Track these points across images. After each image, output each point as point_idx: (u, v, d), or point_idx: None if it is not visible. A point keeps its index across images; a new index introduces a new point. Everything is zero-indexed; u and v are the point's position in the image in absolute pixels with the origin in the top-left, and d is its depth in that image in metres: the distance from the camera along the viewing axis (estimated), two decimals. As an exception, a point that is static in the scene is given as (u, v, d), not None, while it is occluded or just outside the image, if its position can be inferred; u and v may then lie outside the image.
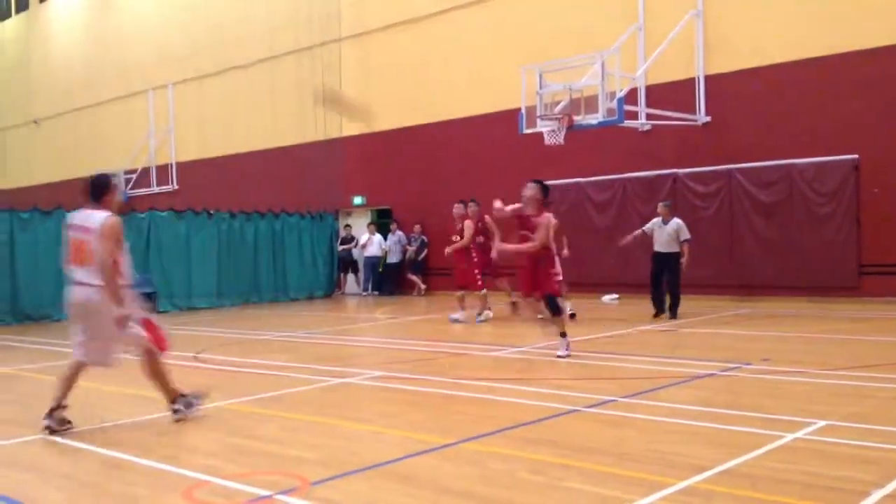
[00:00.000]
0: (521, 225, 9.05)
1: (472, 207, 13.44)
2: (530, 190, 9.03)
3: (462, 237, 13.14)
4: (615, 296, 15.97)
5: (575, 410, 6.30)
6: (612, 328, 11.60)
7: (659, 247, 12.70)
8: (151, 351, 6.29)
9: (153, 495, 4.54)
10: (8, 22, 36.40)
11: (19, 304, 15.47)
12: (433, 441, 5.43)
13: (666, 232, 12.60)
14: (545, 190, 9.05)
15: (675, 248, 12.56)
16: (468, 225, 13.10)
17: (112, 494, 4.60)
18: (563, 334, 8.93)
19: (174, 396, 6.35)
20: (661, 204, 13.07)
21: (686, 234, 12.60)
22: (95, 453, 5.47)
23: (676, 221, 12.66)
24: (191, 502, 4.32)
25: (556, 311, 8.97)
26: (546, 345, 10.12)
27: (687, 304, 13.66)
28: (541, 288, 8.99)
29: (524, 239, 8.95)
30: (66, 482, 4.88)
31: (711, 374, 7.70)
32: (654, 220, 12.90)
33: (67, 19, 32.70)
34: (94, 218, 6.17)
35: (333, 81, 22.28)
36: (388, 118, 20.94)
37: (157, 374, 6.35)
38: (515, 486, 4.40)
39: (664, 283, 12.68)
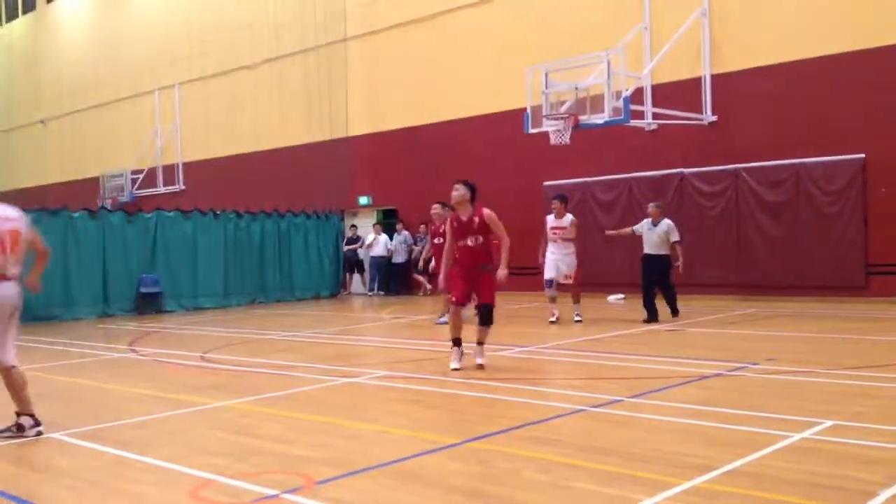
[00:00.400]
0: (462, 233, 8.34)
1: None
2: (459, 191, 8.37)
3: (445, 239, 12.78)
4: (621, 296, 15.95)
5: (581, 410, 6.29)
6: (618, 328, 11.59)
7: (649, 249, 12.27)
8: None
9: (160, 494, 4.56)
10: (15, 22, 36.51)
11: (27, 303, 15.46)
12: (439, 440, 5.43)
13: (656, 233, 12.19)
14: (473, 189, 8.47)
15: (665, 251, 12.16)
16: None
17: (119, 493, 4.62)
18: (482, 342, 8.51)
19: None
20: (651, 204, 12.63)
21: (676, 236, 12.19)
22: (103, 452, 5.49)
23: (667, 223, 12.26)
24: (197, 501, 4.34)
25: (490, 321, 8.45)
26: (553, 345, 10.14)
27: (693, 303, 13.64)
28: (483, 296, 8.38)
29: (467, 248, 8.29)
30: (73, 481, 4.90)
31: (718, 374, 7.69)
32: (644, 221, 12.52)
33: (74, 19, 32.79)
34: (11, 210, 6.24)
35: (340, 81, 22.33)
36: (394, 118, 20.97)
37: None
38: (522, 486, 4.41)
39: (656, 287, 12.24)
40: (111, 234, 16.97)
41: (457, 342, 8.36)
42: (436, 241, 12.81)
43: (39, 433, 6.00)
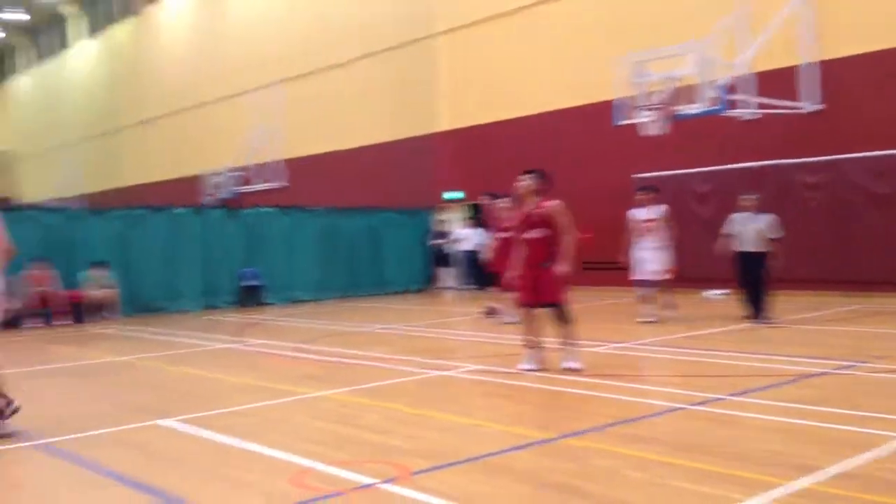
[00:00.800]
0: (525, 225, 7.95)
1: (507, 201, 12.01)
2: (524, 182, 7.96)
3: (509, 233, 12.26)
4: (721, 291, 15.47)
5: (680, 408, 6.17)
6: (718, 324, 11.29)
7: (744, 245, 11.35)
8: None
9: (261, 480, 4.71)
10: (120, 26, 38.23)
11: (136, 296, 16.29)
12: (532, 436, 5.43)
13: (753, 228, 11.30)
14: (544, 178, 7.93)
15: (761, 247, 11.24)
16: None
17: (223, 478, 4.81)
18: (568, 344, 7.91)
19: None
20: (747, 196, 11.63)
21: (776, 232, 11.32)
22: (208, 439, 5.72)
23: (767, 217, 11.36)
24: (298, 488, 4.47)
25: (567, 319, 7.92)
26: (649, 341, 9.96)
27: (796, 300, 13.17)
28: (546, 295, 7.84)
29: (528, 241, 7.92)
30: (180, 466, 5.12)
31: (824, 373, 7.41)
32: (737, 216, 11.56)
33: (176, 22, 34.12)
34: None
35: (428, 77, 22.50)
36: (483, 112, 21.00)
37: None
38: (616, 483, 4.36)
39: (753, 284, 11.38)
40: (213, 230, 17.65)
41: (530, 345, 8.04)
42: (500, 235, 11.87)
43: (15, 410, 6.04)
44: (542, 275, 7.86)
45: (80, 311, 15.12)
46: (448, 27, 22.04)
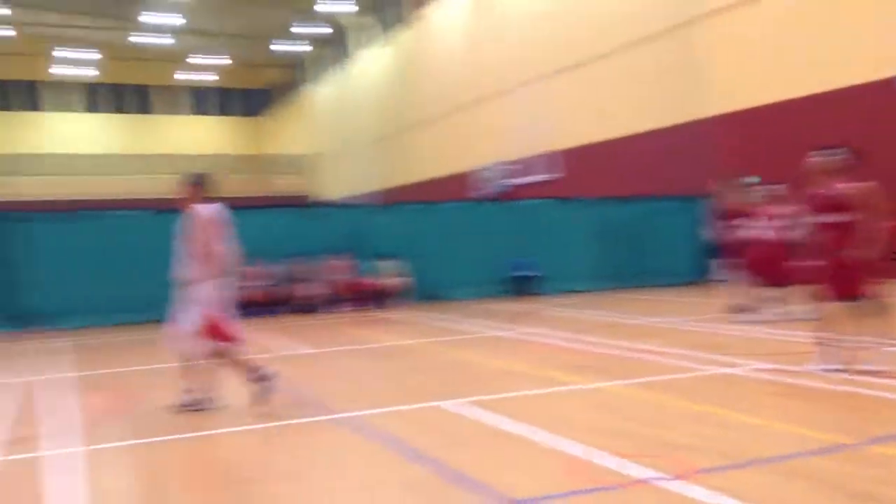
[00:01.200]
0: (819, 207, 7.17)
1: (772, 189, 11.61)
2: (814, 159, 7.18)
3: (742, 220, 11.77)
4: None
5: None
6: None
7: None
8: None
9: (536, 464, 4.81)
10: (403, 32, 40.81)
11: (421, 284, 17.37)
12: (827, 439, 5.01)
13: None
14: (849, 157, 7.13)
15: None
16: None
17: (497, 459, 4.97)
18: (872, 343, 7.08)
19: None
20: None
21: None
22: (484, 421, 5.92)
23: None
24: (573, 476, 4.49)
25: (875, 314, 7.13)
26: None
27: None
28: (848, 288, 7.08)
29: (825, 227, 7.13)
30: (457, 444, 5.36)
31: None
32: None
33: (448, 26, 35.77)
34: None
35: (697, 61, 21.50)
36: (758, 94, 19.69)
37: None
38: (934, 498, 3.89)
39: None
40: (489, 222, 18.39)
41: (825, 342, 7.32)
42: (756, 225, 11.63)
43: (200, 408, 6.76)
44: (844, 265, 7.10)
45: (375, 299, 16.47)
46: (716, 7, 20.90)
